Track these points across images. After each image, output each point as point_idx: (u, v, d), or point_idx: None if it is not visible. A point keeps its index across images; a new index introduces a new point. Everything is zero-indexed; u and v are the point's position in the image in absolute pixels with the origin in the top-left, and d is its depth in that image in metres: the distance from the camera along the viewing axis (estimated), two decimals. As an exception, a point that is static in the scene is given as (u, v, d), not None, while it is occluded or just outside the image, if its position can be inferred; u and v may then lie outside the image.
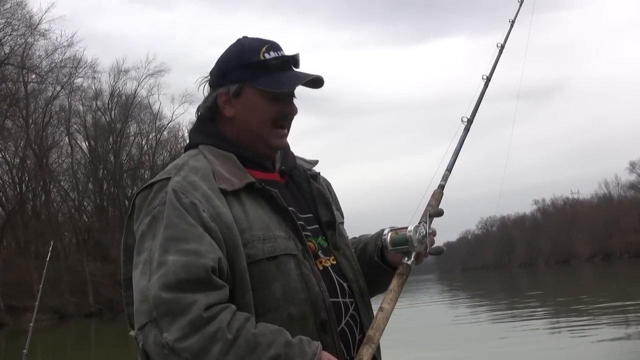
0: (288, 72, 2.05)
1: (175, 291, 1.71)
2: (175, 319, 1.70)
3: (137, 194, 1.97)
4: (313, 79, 2.05)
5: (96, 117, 65.05)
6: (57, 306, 48.40)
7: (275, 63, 2.03)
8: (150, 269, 1.77)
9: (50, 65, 54.91)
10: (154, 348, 1.72)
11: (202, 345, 1.69)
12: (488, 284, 55.41)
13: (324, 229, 2.10)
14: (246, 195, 1.94)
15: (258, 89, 2.02)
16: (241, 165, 2.01)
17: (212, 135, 2.07)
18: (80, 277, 54.34)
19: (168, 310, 1.71)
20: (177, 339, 1.69)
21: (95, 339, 31.10)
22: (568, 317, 17.53)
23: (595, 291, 27.63)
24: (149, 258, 1.80)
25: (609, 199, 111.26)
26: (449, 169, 2.30)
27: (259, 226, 1.91)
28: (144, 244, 1.84)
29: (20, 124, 56.00)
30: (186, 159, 2.00)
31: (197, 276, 1.73)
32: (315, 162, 2.31)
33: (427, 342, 15.23)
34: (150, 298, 1.73)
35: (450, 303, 32.30)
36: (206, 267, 1.75)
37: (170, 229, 1.81)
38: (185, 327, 1.69)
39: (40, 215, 57.48)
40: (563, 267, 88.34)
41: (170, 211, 1.83)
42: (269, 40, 2.09)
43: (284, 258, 1.90)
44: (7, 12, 48.93)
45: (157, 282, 1.73)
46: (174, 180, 1.91)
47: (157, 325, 1.71)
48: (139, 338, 1.76)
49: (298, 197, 2.11)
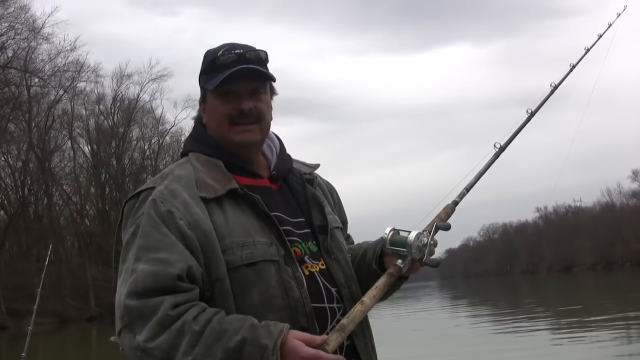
0: (234, 69, 2.03)
1: (142, 297, 1.77)
2: (145, 321, 1.76)
3: (126, 203, 2.01)
4: (254, 69, 2.03)
5: (99, 122, 65.14)
6: (59, 310, 48.37)
7: (221, 63, 2.04)
8: (127, 277, 1.84)
9: (53, 69, 55.00)
10: (129, 351, 1.79)
11: (171, 341, 1.73)
12: (491, 293, 55.21)
13: (316, 234, 2.09)
14: (229, 202, 1.96)
15: (210, 91, 2.07)
16: (226, 172, 2.02)
17: (202, 142, 2.11)
18: (81, 281, 54.33)
19: (138, 315, 1.77)
20: (147, 339, 1.75)
21: (96, 343, 31.04)
22: (570, 328, 17.47)
23: (597, 300, 27.55)
24: (128, 267, 1.86)
25: (611, 207, 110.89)
26: (467, 188, 2.27)
27: (239, 232, 1.92)
28: (128, 253, 1.90)
29: (22, 128, 56.05)
30: (173, 168, 2.06)
31: (163, 285, 1.79)
32: (316, 165, 2.31)
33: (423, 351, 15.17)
34: (121, 305, 1.80)
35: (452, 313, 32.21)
36: (173, 276, 1.80)
37: (143, 238, 1.87)
38: (154, 326, 1.75)
39: (42, 219, 57.48)
40: (565, 275, 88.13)
41: (145, 220, 1.89)
42: (231, 43, 2.10)
43: (263, 264, 1.91)
44: (11, 15, 49.07)
45: (125, 290, 1.80)
46: (157, 189, 1.95)
47: (130, 330, 1.78)
48: (117, 342, 1.84)
49: (291, 201, 2.11)
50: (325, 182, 2.32)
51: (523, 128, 2.48)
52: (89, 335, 37.94)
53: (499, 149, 2.37)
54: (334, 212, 2.24)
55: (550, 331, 16.86)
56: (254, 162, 2.12)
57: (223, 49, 2.07)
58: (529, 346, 13.71)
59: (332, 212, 2.20)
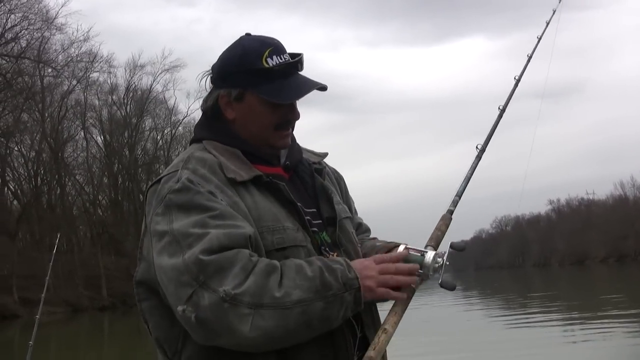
0: (291, 80, 2.01)
1: (219, 253, 1.73)
2: (225, 272, 1.71)
3: (148, 190, 1.97)
4: (318, 87, 2.04)
5: (112, 112, 65.50)
6: (71, 299, 48.76)
7: (278, 70, 1.99)
8: (182, 245, 1.77)
9: (66, 59, 55.35)
10: (211, 310, 1.69)
11: (259, 282, 1.71)
12: (504, 285, 55.15)
13: (326, 225, 2.08)
14: (254, 188, 1.95)
15: (260, 97, 2.01)
16: (246, 160, 2.00)
17: (216, 131, 2.07)
18: (94, 270, 54.70)
19: (217, 268, 1.72)
20: (235, 286, 1.70)
21: (108, 333, 31.25)
22: (582, 322, 17.40)
23: (611, 292, 27.43)
24: (174, 238, 1.79)
25: (624, 200, 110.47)
26: (458, 195, 2.25)
27: (269, 217, 1.91)
28: (162, 229, 1.83)
29: (36, 118, 56.38)
30: (191, 151, 2.01)
31: (238, 243, 1.76)
32: (325, 154, 2.30)
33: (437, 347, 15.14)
34: (193, 266, 1.72)
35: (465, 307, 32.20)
36: (245, 236, 1.78)
37: (199, 210, 1.81)
38: (239, 273, 1.72)
39: (55, 209, 57.86)
40: (577, 268, 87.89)
41: (195, 197, 1.83)
42: (272, 41, 2.04)
43: (293, 249, 1.90)
44: (24, 6, 49.32)
45: (198, 250, 1.73)
46: (184, 172, 1.90)
47: (207, 288, 1.70)
48: (187, 312, 1.71)
49: (302, 192, 2.10)
50: (333, 171, 2.32)
51: (497, 126, 2.47)
52: (101, 324, 38.21)
53: (480, 151, 2.36)
54: (342, 201, 2.24)
55: (562, 325, 16.77)
56: (270, 153, 2.10)
57: (269, 49, 2.00)
58: (541, 341, 13.64)
59: (340, 202, 2.20)
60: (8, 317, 41.81)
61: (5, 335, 32.20)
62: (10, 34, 49.25)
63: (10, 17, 48.84)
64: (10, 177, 57.97)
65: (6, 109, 51.88)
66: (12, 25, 49.13)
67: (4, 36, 48.78)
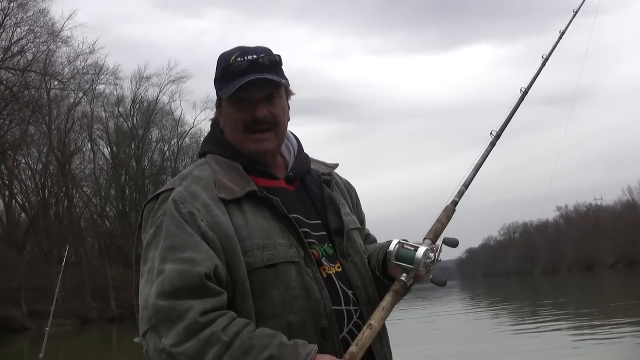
0: (248, 77, 2.00)
1: (171, 299, 1.76)
2: (172, 325, 1.74)
3: (146, 205, 2.02)
4: (267, 79, 2.00)
5: (118, 124, 65.51)
6: (79, 311, 48.71)
7: (235, 70, 2.02)
8: (152, 278, 1.82)
9: (72, 72, 55.29)
10: (154, 354, 1.77)
11: (198, 349, 1.72)
12: (513, 292, 54.93)
13: (332, 236, 2.07)
14: (248, 204, 1.96)
15: (225, 99, 2.06)
16: (245, 174, 2.02)
17: (219, 144, 2.11)
18: (102, 282, 54.68)
19: (165, 317, 1.75)
20: (174, 345, 1.72)
21: (117, 345, 31.20)
22: (592, 329, 17.29)
23: (621, 299, 27.26)
24: (152, 267, 1.85)
25: (632, 206, 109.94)
26: (465, 185, 2.19)
27: (260, 234, 1.92)
28: (149, 254, 1.90)
29: (43, 131, 56.46)
30: (191, 169, 2.06)
31: (192, 284, 1.77)
32: (335, 165, 2.29)
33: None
34: (150, 306, 1.78)
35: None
36: (200, 274, 1.78)
37: (168, 238, 1.86)
38: (182, 332, 1.73)
39: (63, 221, 57.91)
40: (587, 275, 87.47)
41: (169, 221, 1.88)
42: (245, 47, 2.07)
43: (284, 266, 1.91)
44: (30, 19, 49.31)
45: (154, 291, 1.78)
46: (176, 190, 1.95)
47: (156, 332, 1.76)
48: (143, 344, 1.81)
49: (308, 203, 2.10)
50: (344, 182, 2.31)
51: (517, 109, 2.40)
52: (110, 336, 38.16)
53: (495, 137, 2.31)
54: (353, 213, 2.22)
55: (571, 332, 16.69)
56: (272, 165, 2.11)
57: (236, 54, 2.04)
58: (551, 347, 13.55)
59: (349, 213, 2.19)
60: (17, 330, 41.78)
61: (15, 348, 32.20)
62: (17, 47, 49.35)
63: (17, 30, 48.96)
64: (18, 189, 58.15)
65: (13, 122, 51.97)
66: (19, 39, 49.23)
67: (11, 50, 48.89)
